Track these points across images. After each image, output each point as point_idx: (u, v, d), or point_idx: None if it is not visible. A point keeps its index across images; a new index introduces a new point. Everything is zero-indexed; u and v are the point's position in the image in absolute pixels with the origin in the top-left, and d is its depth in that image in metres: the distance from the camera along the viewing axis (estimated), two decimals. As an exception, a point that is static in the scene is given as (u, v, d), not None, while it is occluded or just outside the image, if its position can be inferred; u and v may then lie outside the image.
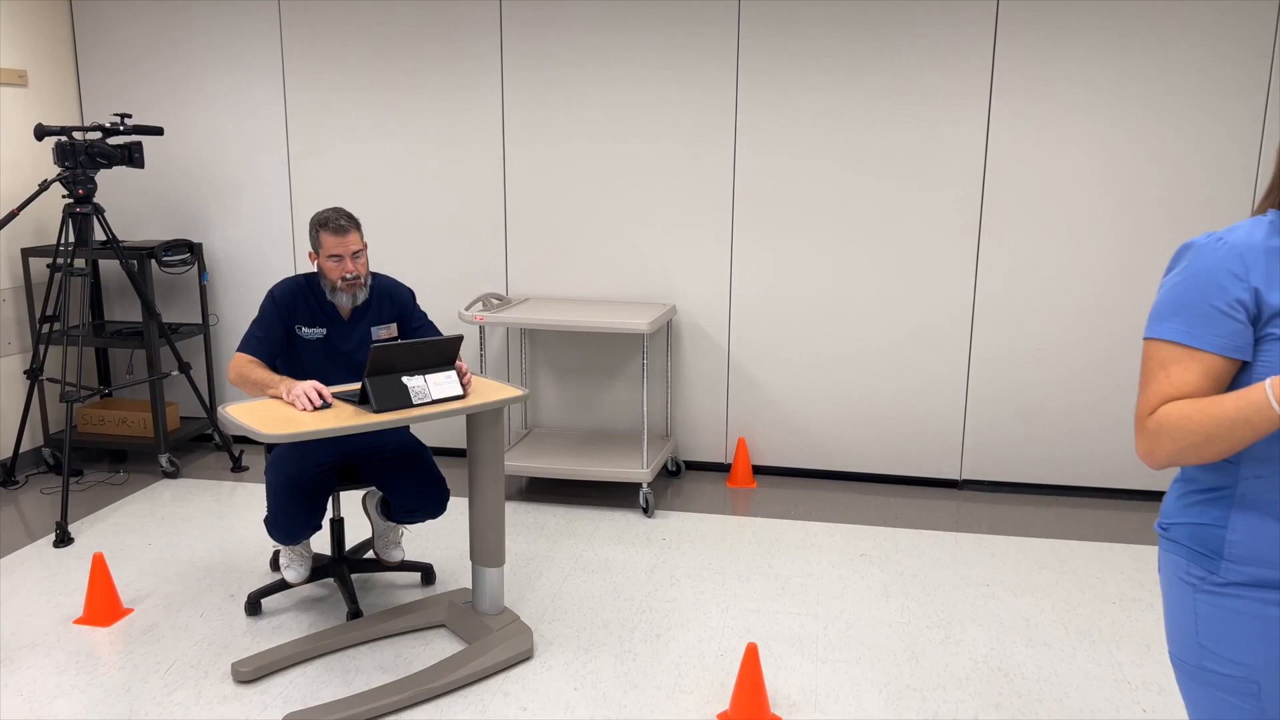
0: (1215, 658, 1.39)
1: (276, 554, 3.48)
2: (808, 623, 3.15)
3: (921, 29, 4.08)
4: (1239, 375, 1.37)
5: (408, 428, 3.28)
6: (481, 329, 4.21)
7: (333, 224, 2.96)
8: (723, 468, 4.66)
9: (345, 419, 2.54)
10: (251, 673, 2.77)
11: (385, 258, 4.68)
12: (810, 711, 2.65)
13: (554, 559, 3.63)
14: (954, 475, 4.43)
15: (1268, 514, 1.35)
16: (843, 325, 4.38)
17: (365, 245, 3.03)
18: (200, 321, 4.83)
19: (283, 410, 2.62)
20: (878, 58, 4.13)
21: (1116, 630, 3.11)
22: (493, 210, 4.55)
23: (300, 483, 2.91)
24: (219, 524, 3.92)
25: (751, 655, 2.57)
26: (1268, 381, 1.26)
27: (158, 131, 4.21)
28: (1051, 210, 4.13)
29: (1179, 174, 4.03)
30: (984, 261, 4.22)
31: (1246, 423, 1.28)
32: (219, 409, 2.63)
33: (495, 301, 4.43)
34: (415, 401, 2.64)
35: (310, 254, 3.03)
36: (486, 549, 2.93)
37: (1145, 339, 1.42)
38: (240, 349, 2.95)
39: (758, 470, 4.63)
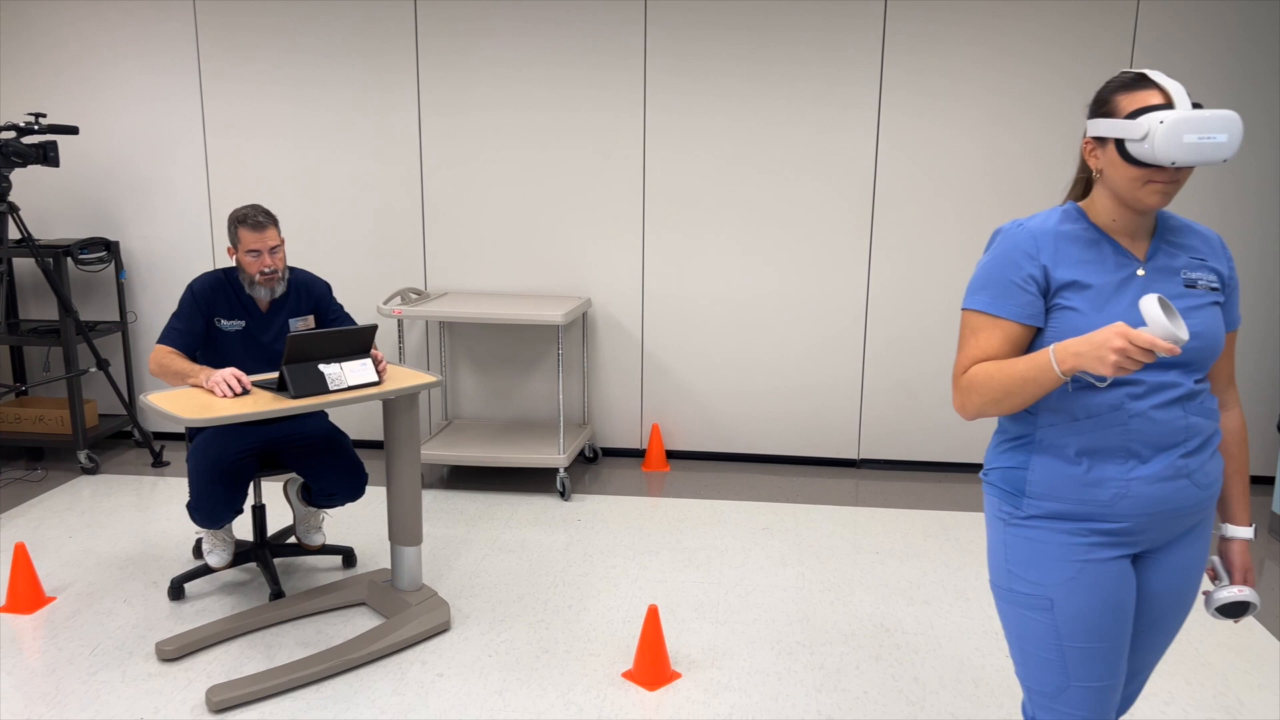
0: (1019, 580, 1.64)
1: (199, 542, 3.57)
2: (710, 590, 3.37)
3: (815, 37, 4.33)
4: (1036, 340, 1.61)
5: (326, 416, 3.41)
6: (400, 323, 4.34)
7: (251, 220, 3.08)
8: (638, 453, 4.86)
9: (263, 404, 2.68)
10: (175, 651, 2.88)
11: (304, 254, 4.77)
12: (708, 667, 2.87)
13: (472, 541, 3.79)
14: (852, 455, 4.71)
15: (1058, 456, 1.60)
16: (749, 317, 4.63)
17: (283, 240, 3.16)
18: (118, 319, 4.86)
19: (202, 397, 2.74)
20: (776, 64, 4.38)
21: (989, 588, 3.39)
22: (411, 207, 4.68)
23: (221, 467, 3.02)
24: (141, 517, 3.99)
25: (652, 616, 2.77)
26: (1051, 347, 1.50)
27: (73, 130, 4.25)
28: (934, 208, 4.43)
29: (1052, 171, 4.36)
30: (876, 256, 4.50)
31: (1035, 381, 1.52)
32: (139, 399, 2.73)
33: (414, 296, 4.56)
34: (332, 388, 2.79)
35: (229, 249, 3.14)
36: (404, 529, 3.09)
37: (962, 309, 1.66)
38: (160, 341, 3.05)
39: (671, 455, 4.84)
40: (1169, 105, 1.49)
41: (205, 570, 3.29)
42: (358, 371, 2.86)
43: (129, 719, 2.58)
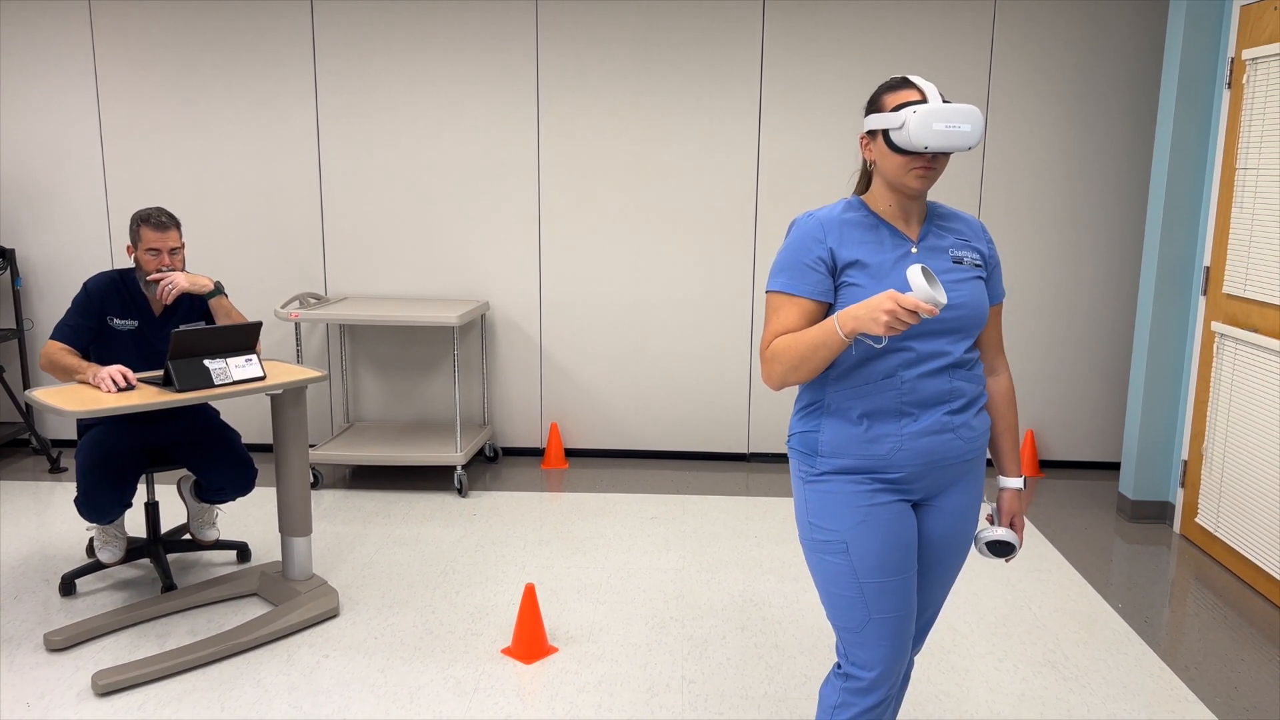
0: (819, 529, 1.85)
1: (92, 540, 3.62)
2: (594, 573, 3.54)
3: (700, 47, 4.58)
4: (828, 315, 1.83)
5: (217, 413, 3.50)
6: (298, 327, 4.44)
7: (154, 220, 3.18)
8: (538, 452, 5.03)
9: (148, 396, 2.78)
10: (63, 641, 2.95)
11: (204, 261, 4.84)
12: (584, 642, 3.04)
13: (367, 536, 3.91)
14: (742, 449, 4.94)
15: (844, 419, 1.81)
16: (642, 318, 4.83)
17: (183, 245, 3.26)
18: (14, 326, 4.86)
19: (87, 391, 2.83)
20: (664, 75, 4.61)
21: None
22: (309, 214, 4.79)
23: (110, 462, 3.10)
24: (36, 520, 4.02)
25: (529, 594, 2.94)
26: (835, 315, 1.72)
27: (-35, 138, 4.27)
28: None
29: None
30: (760, 259, 4.75)
31: (824, 345, 1.73)
32: (27, 395, 2.81)
33: (313, 301, 4.66)
34: (217, 382, 2.90)
35: (129, 247, 3.23)
36: (293, 519, 3.20)
37: (765, 291, 1.87)
38: (53, 336, 3.14)
39: (570, 453, 5.01)
40: (924, 101, 1.73)
41: (97, 566, 3.35)
42: (243, 367, 2.97)
43: (13, 705, 2.65)
